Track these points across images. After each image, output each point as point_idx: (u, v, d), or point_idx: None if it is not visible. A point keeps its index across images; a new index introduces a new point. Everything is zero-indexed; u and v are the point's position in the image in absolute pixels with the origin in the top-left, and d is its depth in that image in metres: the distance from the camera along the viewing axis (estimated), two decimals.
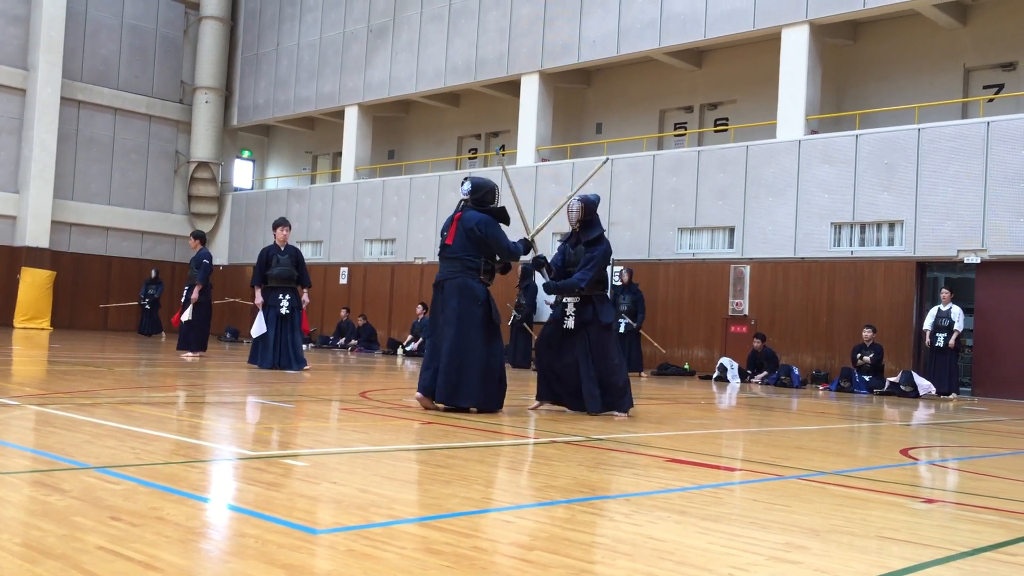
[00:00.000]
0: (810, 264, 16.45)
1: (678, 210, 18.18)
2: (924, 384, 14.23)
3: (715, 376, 16.39)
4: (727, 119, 20.01)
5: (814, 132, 16.95)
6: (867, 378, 14.81)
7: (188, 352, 13.84)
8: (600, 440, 6.01)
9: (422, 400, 7.30)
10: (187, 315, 13.81)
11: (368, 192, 24.42)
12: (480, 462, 4.78)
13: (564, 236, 8.10)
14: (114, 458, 4.21)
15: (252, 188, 30.05)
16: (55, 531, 2.74)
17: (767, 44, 18.11)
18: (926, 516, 3.95)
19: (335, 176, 27.33)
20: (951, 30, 16.99)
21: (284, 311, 12.10)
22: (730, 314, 17.32)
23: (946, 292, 14.67)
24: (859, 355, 15.05)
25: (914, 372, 14.66)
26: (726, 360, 16.48)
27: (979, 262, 14.67)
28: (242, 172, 30.31)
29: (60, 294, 25.07)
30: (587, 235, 7.83)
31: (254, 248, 24.58)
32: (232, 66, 28.99)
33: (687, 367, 17.53)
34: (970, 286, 15.52)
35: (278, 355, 11.98)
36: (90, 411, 6.03)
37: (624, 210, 18.84)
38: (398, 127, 26.90)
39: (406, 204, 23.36)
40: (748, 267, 17.13)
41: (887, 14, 17.02)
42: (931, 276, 16.10)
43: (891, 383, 14.53)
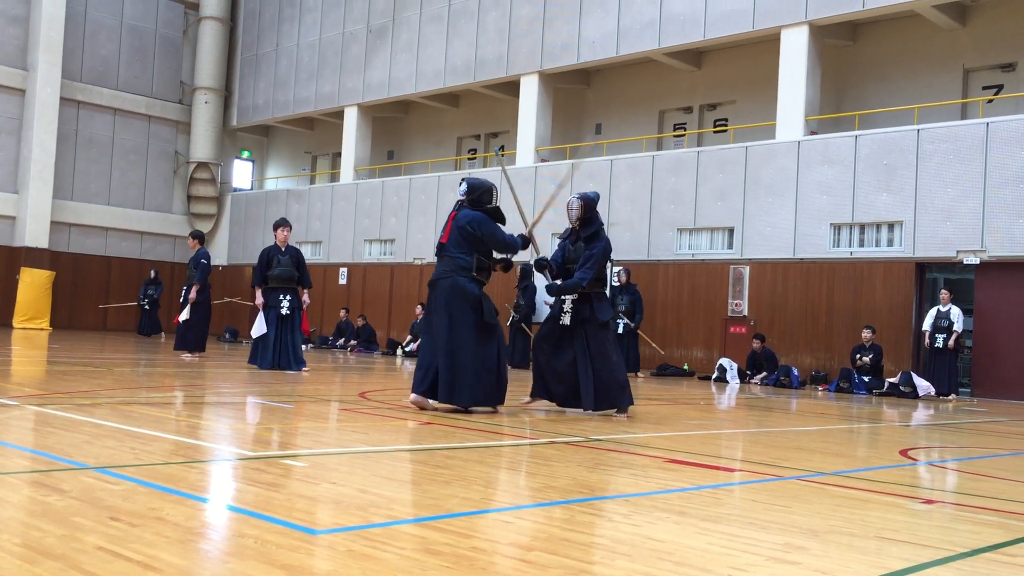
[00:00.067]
0: (809, 265, 16.46)
1: (677, 211, 18.18)
2: (923, 385, 14.23)
3: (714, 377, 16.39)
4: (726, 120, 20.01)
5: (813, 133, 16.95)
6: (866, 379, 14.81)
7: (186, 352, 13.85)
8: (599, 441, 6.01)
9: (417, 401, 7.31)
10: (185, 315, 13.82)
11: (367, 192, 24.42)
12: (479, 462, 4.78)
13: (564, 233, 8.12)
14: (113, 458, 4.21)
15: (251, 188, 30.04)
16: (54, 531, 2.74)
17: (766, 45, 18.12)
18: (925, 517, 3.95)
19: (334, 176, 27.32)
20: (950, 31, 17.00)
21: (285, 312, 12.09)
22: (729, 315, 17.32)
23: (945, 293, 14.68)
24: (858, 356, 15.06)
25: (913, 373, 14.65)
26: (725, 361, 16.49)
27: (978, 263, 14.68)
28: (241, 172, 30.29)
29: (59, 294, 25.08)
30: (586, 232, 7.86)
31: (253, 248, 24.59)
32: (232, 66, 28.99)
33: (686, 368, 17.53)
34: (969, 287, 15.52)
35: (278, 356, 11.98)
36: (89, 411, 6.02)
37: (623, 211, 18.84)
38: (397, 127, 26.89)
39: (405, 204, 23.35)
40: (747, 268, 17.13)
41: (886, 15, 17.03)
42: (930, 277, 16.10)
43: (890, 384, 14.53)
